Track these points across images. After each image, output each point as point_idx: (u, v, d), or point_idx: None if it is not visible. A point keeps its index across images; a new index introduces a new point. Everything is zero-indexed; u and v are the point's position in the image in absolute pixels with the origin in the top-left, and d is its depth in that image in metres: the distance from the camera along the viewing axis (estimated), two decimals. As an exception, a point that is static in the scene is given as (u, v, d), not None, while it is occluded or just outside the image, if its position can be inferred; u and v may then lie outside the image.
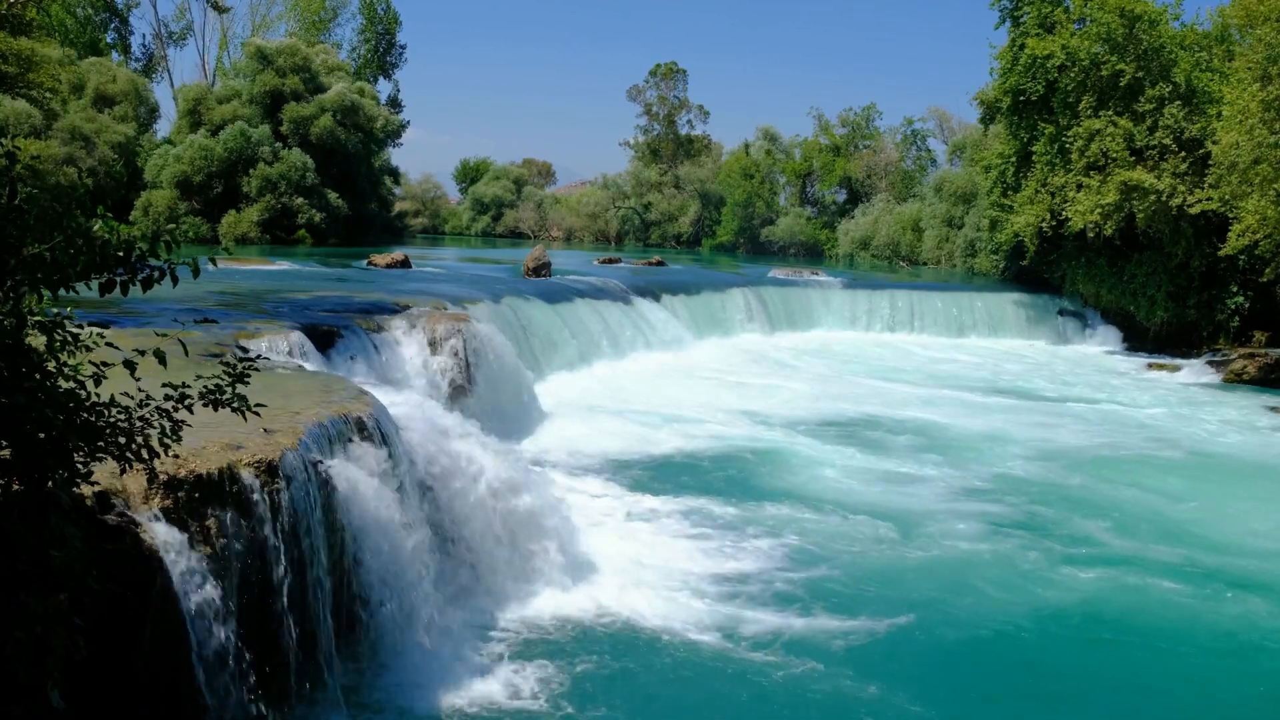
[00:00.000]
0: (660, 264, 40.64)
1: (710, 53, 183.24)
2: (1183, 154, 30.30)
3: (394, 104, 66.64)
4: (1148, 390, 25.48)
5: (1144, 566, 11.79)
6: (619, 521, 12.54)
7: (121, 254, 4.64)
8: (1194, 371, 28.27)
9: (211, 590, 6.34)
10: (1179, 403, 23.67)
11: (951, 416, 20.39)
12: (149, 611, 5.98)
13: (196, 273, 4.83)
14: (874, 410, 20.69)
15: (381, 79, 68.50)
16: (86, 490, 5.23)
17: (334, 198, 47.94)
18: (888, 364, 27.82)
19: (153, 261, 4.72)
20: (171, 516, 6.28)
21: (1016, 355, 30.99)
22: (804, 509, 13.38)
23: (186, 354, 5.73)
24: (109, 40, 61.35)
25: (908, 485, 15.05)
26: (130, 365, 4.85)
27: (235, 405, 5.33)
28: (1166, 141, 30.50)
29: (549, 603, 9.86)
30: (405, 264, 30.03)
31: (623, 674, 8.63)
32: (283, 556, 7.09)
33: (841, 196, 68.66)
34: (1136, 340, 33.03)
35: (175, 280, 4.74)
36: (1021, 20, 33.78)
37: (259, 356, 8.42)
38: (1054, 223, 32.49)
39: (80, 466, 4.76)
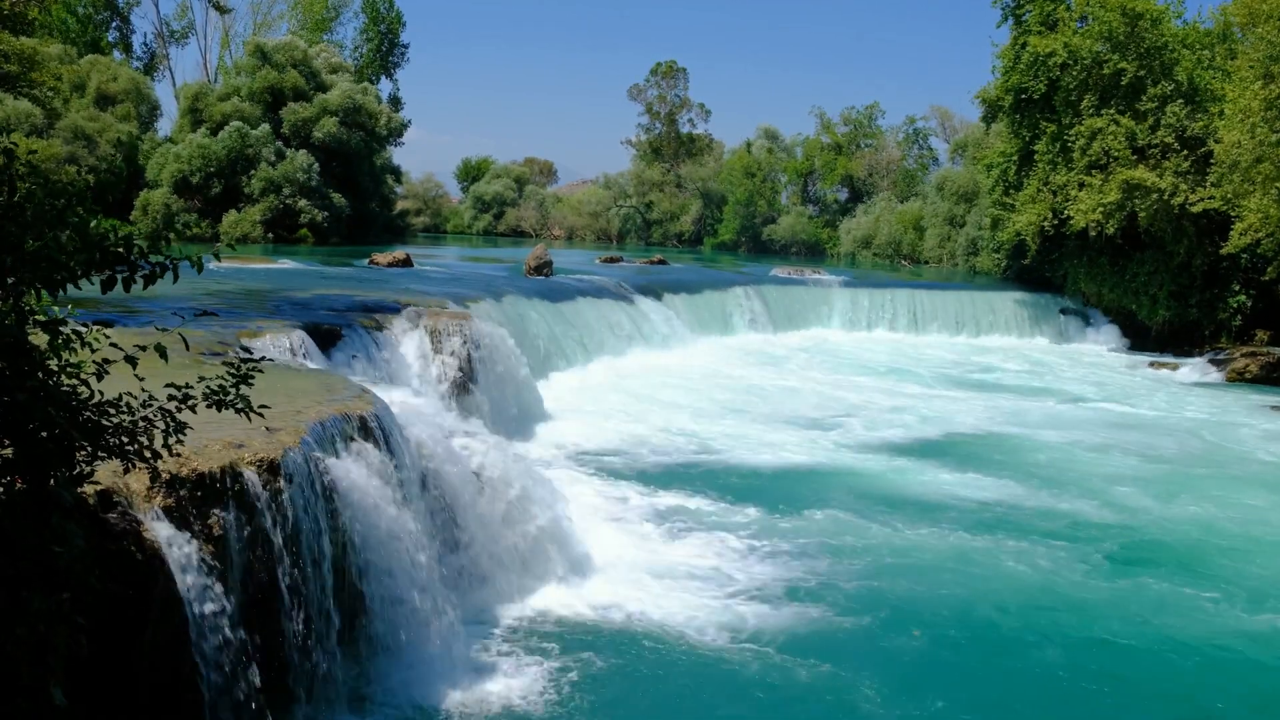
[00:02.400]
0: (662, 263, 40.66)
1: (711, 51, 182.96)
2: (1185, 152, 30.28)
3: (395, 103, 66.63)
4: (1154, 390, 25.39)
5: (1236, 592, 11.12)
6: (621, 520, 12.53)
7: (121, 250, 4.63)
8: (1196, 370, 28.27)
9: (213, 589, 6.33)
10: (1188, 403, 23.66)
11: (960, 416, 20.34)
12: (151, 610, 5.97)
13: (200, 268, 4.82)
14: (875, 407, 20.67)
15: (383, 78, 68.54)
16: (89, 489, 5.22)
17: (336, 197, 47.97)
18: (889, 363, 27.79)
19: (154, 258, 4.71)
20: (174, 515, 6.27)
21: (1019, 354, 30.96)
22: (812, 511, 13.31)
23: (188, 348, 5.72)
24: (110, 39, 61.37)
25: (918, 481, 15.04)
26: (132, 361, 4.84)
27: (239, 406, 5.31)
28: (1168, 140, 30.47)
29: (550, 601, 9.86)
30: (407, 263, 30.02)
31: (624, 673, 8.61)
32: (284, 555, 7.08)
33: (843, 195, 68.74)
34: (1138, 339, 33.04)
35: (176, 275, 4.73)
36: (1024, 19, 33.76)
37: (263, 358, 8.41)
38: (1056, 222, 32.48)
39: (83, 466, 4.75)
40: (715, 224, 70.74)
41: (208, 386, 5.25)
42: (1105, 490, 15.04)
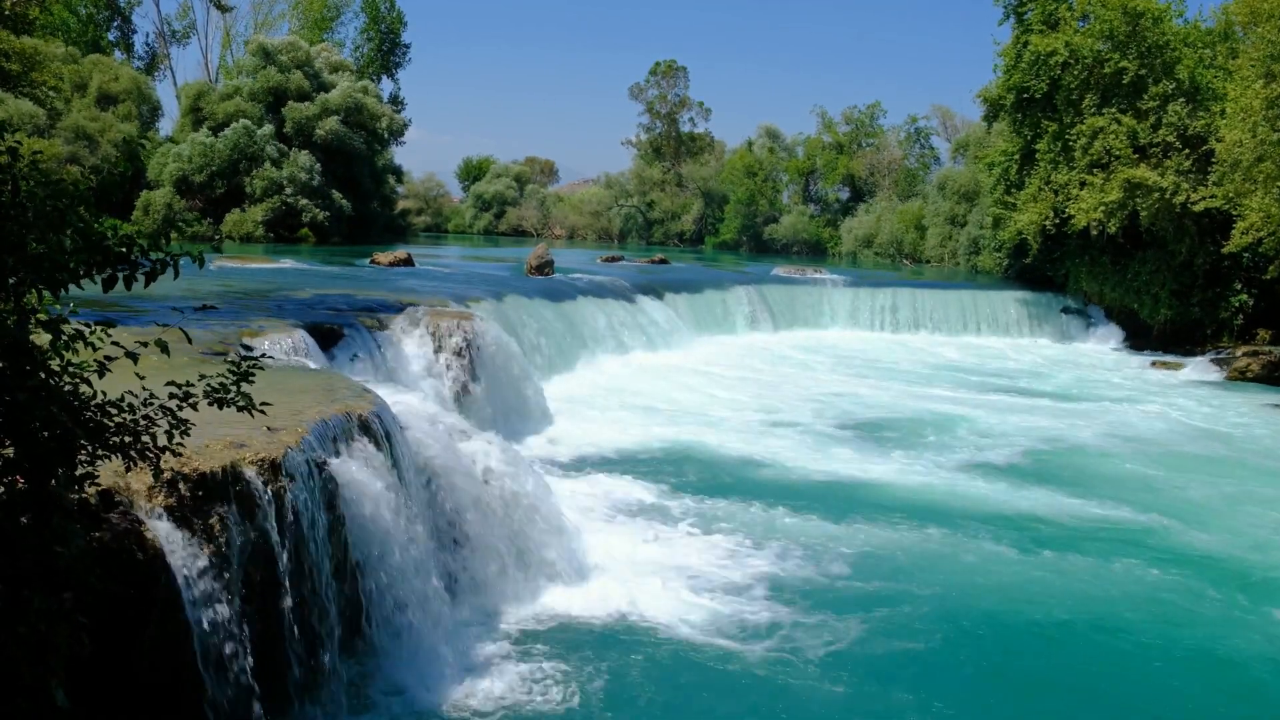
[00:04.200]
0: (663, 262, 40.70)
1: (711, 51, 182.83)
2: (1186, 151, 30.27)
3: (396, 103, 66.63)
4: (1166, 392, 25.15)
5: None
6: (623, 520, 12.51)
7: (123, 249, 4.63)
8: (1197, 369, 28.25)
9: (214, 588, 6.33)
10: (1217, 408, 23.31)
11: (977, 419, 20.23)
12: (151, 610, 5.97)
13: (201, 263, 4.83)
14: (878, 405, 20.66)
15: (384, 78, 68.51)
16: (90, 489, 5.22)
17: (338, 197, 48.00)
18: (895, 363, 27.79)
19: (154, 255, 4.71)
20: (175, 515, 6.27)
21: (1024, 355, 30.95)
22: (816, 511, 13.21)
23: (190, 342, 5.72)
24: (111, 39, 61.37)
25: (935, 484, 15.03)
26: (133, 357, 4.84)
27: (241, 404, 5.32)
28: (1170, 139, 30.45)
29: (553, 601, 9.84)
30: (408, 262, 30.05)
31: (627, 673, 8.58)
32: (286, 555, 7.08)
33: (844, 195, 68.84)
34: (1139, 338, 33.03)
35: (177, 272, 4.74)
36: (1025, 17, 33.75)
37: (263, 355, 8.40)
38: (1057, 221, 32.48)
39: (85, 466, 4.75)
40: (716, 223, 70.75)
41: (209, 384, 5.25)
42: (1168, 504, 14.35)
